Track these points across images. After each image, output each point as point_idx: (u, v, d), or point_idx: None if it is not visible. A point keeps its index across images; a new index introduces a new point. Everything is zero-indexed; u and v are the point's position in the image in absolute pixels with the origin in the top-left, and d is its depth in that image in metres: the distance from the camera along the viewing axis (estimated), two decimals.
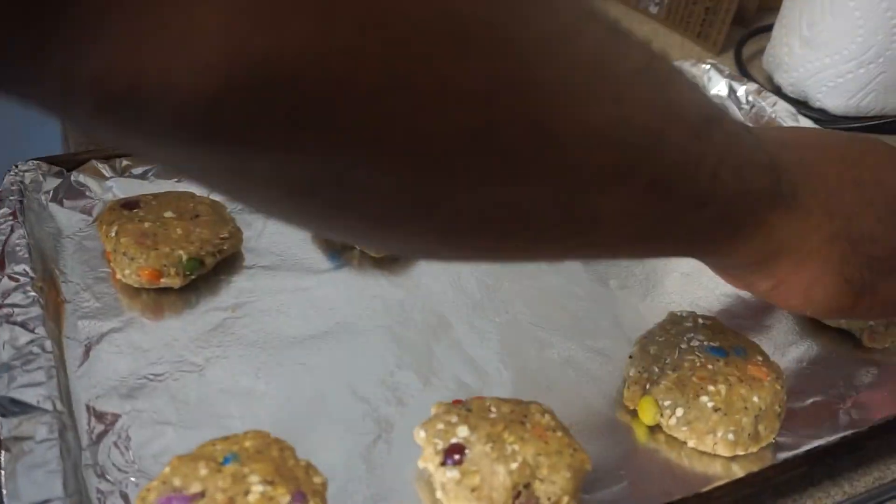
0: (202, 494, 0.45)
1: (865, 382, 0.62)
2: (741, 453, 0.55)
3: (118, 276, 0.61)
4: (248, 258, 0.66)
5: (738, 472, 0.54)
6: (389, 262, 0.67)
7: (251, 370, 0.57)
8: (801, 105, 0.92)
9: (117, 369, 0.56)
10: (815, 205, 0.46)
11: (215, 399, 0.55)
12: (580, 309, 0.66)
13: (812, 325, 0.66)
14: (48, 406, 0.50)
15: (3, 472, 0.45)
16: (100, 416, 0.53)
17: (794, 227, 0.45)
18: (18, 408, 0.49)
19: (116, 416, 0.53)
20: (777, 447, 0.56)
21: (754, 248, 0.45)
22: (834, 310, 0.49)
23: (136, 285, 0.61)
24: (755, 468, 0.54)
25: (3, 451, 0.46)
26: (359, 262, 0.67)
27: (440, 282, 0.66)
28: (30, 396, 0.50)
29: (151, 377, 0.56)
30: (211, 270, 0.64)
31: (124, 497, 0.48)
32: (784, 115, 0.85)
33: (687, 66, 0.91)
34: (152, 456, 0.51)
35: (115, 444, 0.51)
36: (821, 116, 0.90)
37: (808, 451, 0.55)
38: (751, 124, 0.87)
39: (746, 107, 0.88)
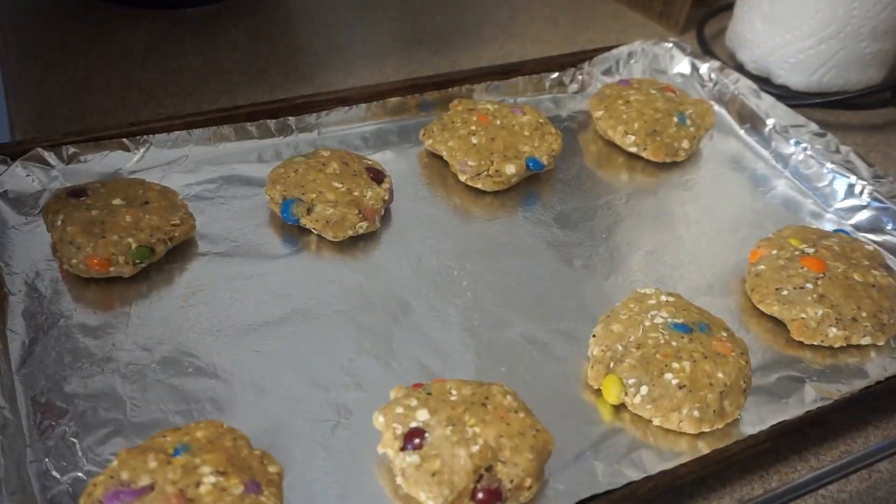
0: (151, 487, 0.44)
1: (827, 363, 0.61)
2: (707, 430, 0.54)
3: (65, 266, 0.59)
4: (200, 245, 0.64)
5: (704, 448, 0.53)
6: (349, 246, 0.66)
7: (205, 359, 0.55)
8: (764, 82, 0.91)
9: (65, 362, 0.54)
10: None
11: (167, 390, 0.53)
12: (543, 289, 0.65)
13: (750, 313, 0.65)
14: None
15: None
16: (45, 411, 0.51)
17: None
18: None
19: (64, 410, 0.51)
20: (742, 423, 0.55)
21: None
22: None
23: (84, 275, 0.59)
24: (721, 445, 0.53)
25: None
26: (316, 247, 0.65)
27: (400, 265, 0.65)
28: None
29: (100, 369, 0.54)
30: (163, 258, 0.62)
31: (72, 493, 0.46)
32: (746, 91, 0.85)
33: (649, 45, 0.90)
34: (101, 449, 0.49)
35: (63, 438, 0.49)
36: (783, 93, 0.90)
37: (774, 426, 0.54)
38: (714, 101, 0.87)
39: (710, 84, 0.87)
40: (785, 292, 0.63)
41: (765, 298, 0.63)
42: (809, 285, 0.62)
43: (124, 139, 0.68)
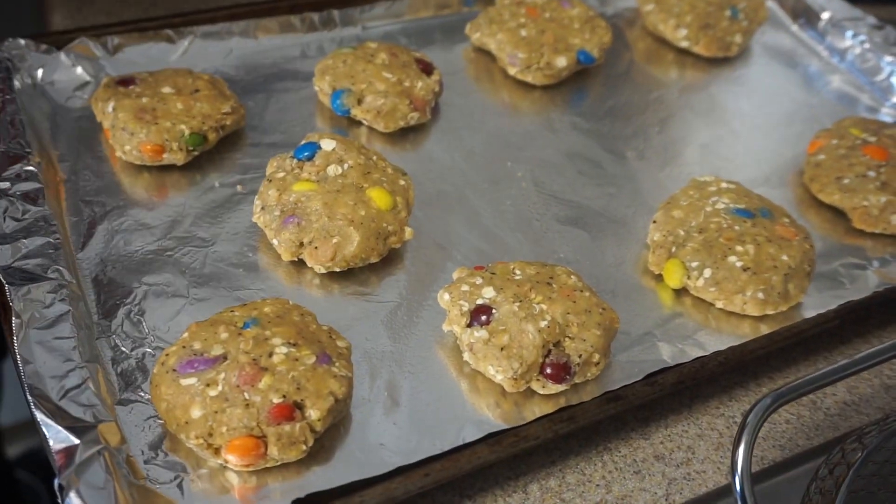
0: (224, 357, 0.44)
1: (889, 251, 0.60)
2: (770, 312, 0.54)
3: (118, 153, 0.58)
4: (251, 136, 0.63)
5: (768, 331, 0.53)
6: (399, 138, 0.65)
7: (263, 244, 0.55)
8: None
9: (124, 245, 0.53)
10: None
11: (228, 272, 0.53)
12: (598, 179, 0.64)
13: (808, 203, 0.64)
14: (56, 276, 0.47)
15: (15, 339, 0.43)
16: (109, 290, 0.51)
17: None
18: (26, 276, 0.47)
19: (127, 290, 0.51)
20: (805, 308, 0.55)
21: None
22: None
23: (137, 162, 0.58)
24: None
25: (14, 318, 0.44)
26: (367, 139, 0.64)
27: (452, 156, 0.64)
28: (36, 267, 0.48)
29: (160, 252, 0.53)
30: (213, 148, 0.61)
31: (141, 366, 0.47)
32: None
33: None
34: (167, 327, 0.49)
35: (128, 316, 0.49)
36: None
37: (842, 305, 0.53)
38: None
39: None
40: (846, 181, 0.61)
41: (825, 188, 0.62)
42: (872, 173, 0.61)
43: (168, 30, 0.67)
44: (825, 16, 0.79)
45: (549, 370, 0.47)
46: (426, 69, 0.67)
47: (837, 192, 0.62)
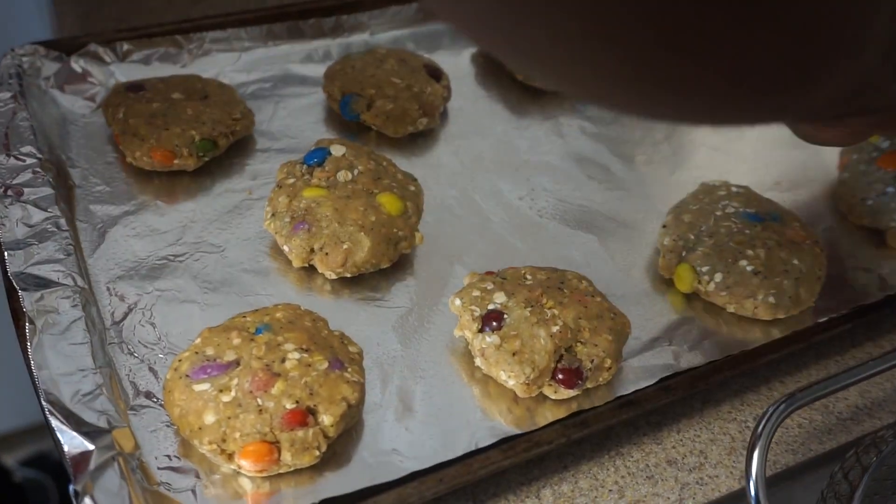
0: (237, 363, 0.44)
1: None
2: (782, 317, 0.54)
3: (129, 159, 0.58)
4: (260, 142, 0.63)
5: (779, 336, 0.53)
6: (408, 143, 0.65)
7: (274, 250, 0.55)
8: None
9: (134, 251, 0.54)
10: None
11: (239, 278, 0.53)
12: (607, 183, 0.64)
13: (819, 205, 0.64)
14: (69, 282, 0.47)
15: (28, 345, 0.43)
16: (121, 296, 0.51)
17: None
18: (38, 282, 0.47)
19: (139, 296, 0.51)
20: (817, 312, 0.55)
21: None
22: None
23: (147, 168, 0.58)
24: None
25: (27, 324, 0.44)
26: (376, 144, 0.64)
27: (461, 161, 0.64)
28: (49, 272, 0.48)
29: (171, 258, 0.54)
30: (223, 154, 0.61)
31: (153, 372, 0.47)
32: None
33: None
34: (179, 333, 0.49)
35: (140, 322, 0.49)
36: None
37: (853, 308, 0.53)
38: None
39: None
40: (870, 202, 0.61)
41: (853, 210, 0.61)
42: (891, 189, 0.61)
43: (177, 36, 0.67)
44: None
45: (560, 375, 0.47)
46: (435, 74, 0.67)
47: (866, 217, 0.61)
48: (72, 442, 0.40)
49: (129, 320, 0.49)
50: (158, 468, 0.42)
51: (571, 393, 0.47)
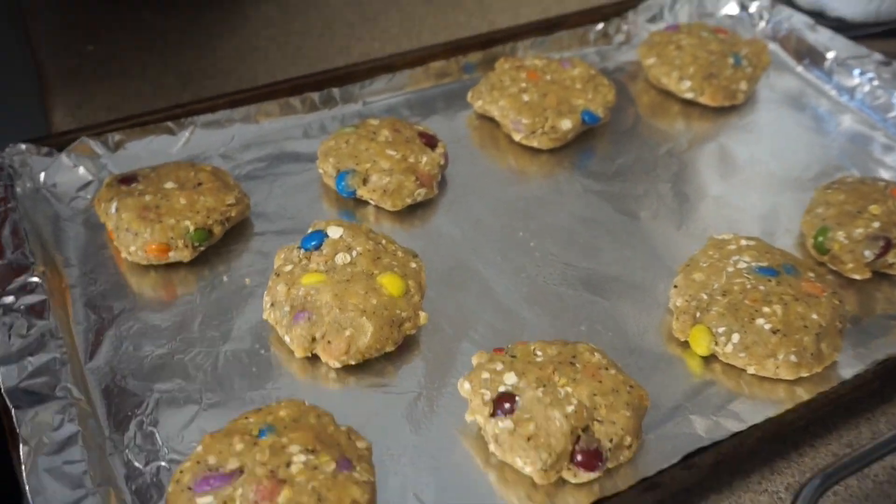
0: (241, 471, 0.42)
1: None
2: (805, 375, 0.51)
3: (123, 254, 0.57)
4: (257, 225, 0.62)
5: (804, 395, 0.51)
6: (407, 215, 0.64)
7: (275, 340, 0.53)
8: (817, 16, 0.87)
9: (133, 351, 0.52)
10: None
11: (241, 372, 0.51)
12: (613, 243, 0.62)
13: None
14: (64, 394, 0.46)
15: (23, 468, 0.42)
16: (121, 401, 0.49)
17: None
18: (33, 398, 0.45)
19: (139, 399, 0.49)
20: (840, 366, 0.53)
21: None
22: None
23: (143, 262, 0.57)
24: (821, 390, 0.51)
25: (21, 445, 0.42)
26: (375, 218, 0.63)
27: (462, 229, 0.63)
28: (43, 386, 0.46)
29: (170, 356, 0.52)
30: (220, 241, 0.60)
31: (156, 483, 0.45)
32: (801, 26, 0.81)
33: None
34: (181, 436, 0.47)
35: (140, 427, 0.48)
36: (838, 26, 0.86)
37: (879, 363, 0.51)
38: (768, 40, 0.83)
39: (761, 23, 0.84)
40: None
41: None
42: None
43: (169, 122, 0.67)
44: (830, 55, 0.78)
45: (579, 458, 0.45)
46: (430, 142, 0.66)
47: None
48: None
49: (130, 427, 0.48)
50: None
51: (592, 476, 0.45)
